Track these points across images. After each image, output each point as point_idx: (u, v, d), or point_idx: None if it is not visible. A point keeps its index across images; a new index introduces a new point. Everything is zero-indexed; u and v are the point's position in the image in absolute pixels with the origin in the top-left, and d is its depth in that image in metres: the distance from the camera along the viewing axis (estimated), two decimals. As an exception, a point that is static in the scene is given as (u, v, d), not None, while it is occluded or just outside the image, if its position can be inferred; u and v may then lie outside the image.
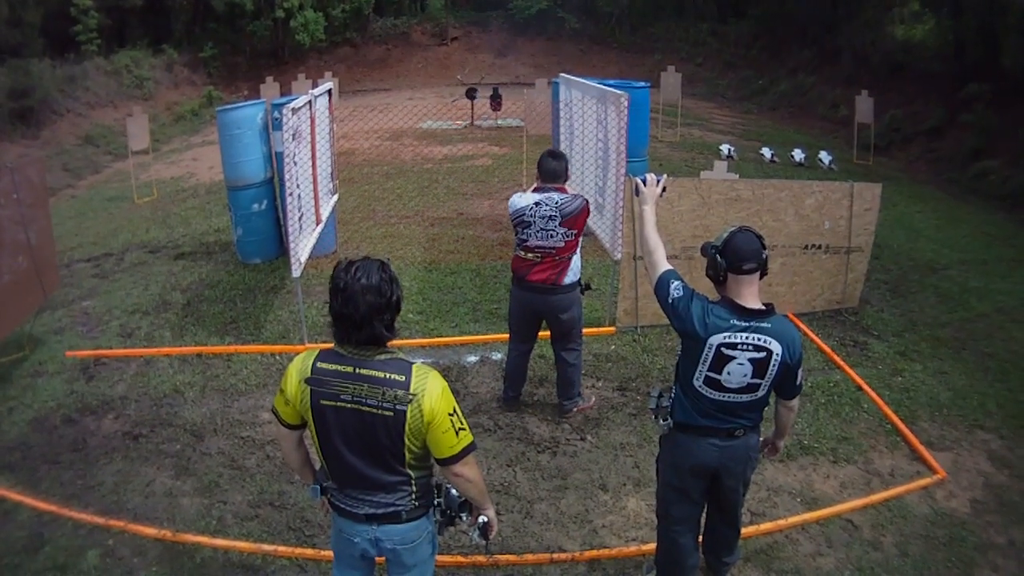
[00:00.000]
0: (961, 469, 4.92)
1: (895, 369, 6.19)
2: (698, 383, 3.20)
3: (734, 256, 3.09)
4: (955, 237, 9.95)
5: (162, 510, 4.48)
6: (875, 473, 4.85)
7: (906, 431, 5.25)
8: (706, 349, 3.11)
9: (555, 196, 4.87)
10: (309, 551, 4.11)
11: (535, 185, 5.05)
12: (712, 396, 3.19)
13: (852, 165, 14.00)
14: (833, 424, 5.37)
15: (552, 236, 4.86)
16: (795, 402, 3.39)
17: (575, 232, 4.92)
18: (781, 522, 4.35)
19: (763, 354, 3.09)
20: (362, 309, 2.50)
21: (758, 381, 3.14)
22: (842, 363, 6.16)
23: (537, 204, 4.85)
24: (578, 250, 5.03)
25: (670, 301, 3.19)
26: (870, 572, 4.02)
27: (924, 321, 7.11)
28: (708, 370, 3.15)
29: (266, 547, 4.14)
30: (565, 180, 5.02)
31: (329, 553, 3.62)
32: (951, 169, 14.27)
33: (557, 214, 4.83)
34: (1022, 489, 4.74)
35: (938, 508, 4.52)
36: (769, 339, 3.09)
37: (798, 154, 13.78)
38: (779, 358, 3.10)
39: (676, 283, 3.21)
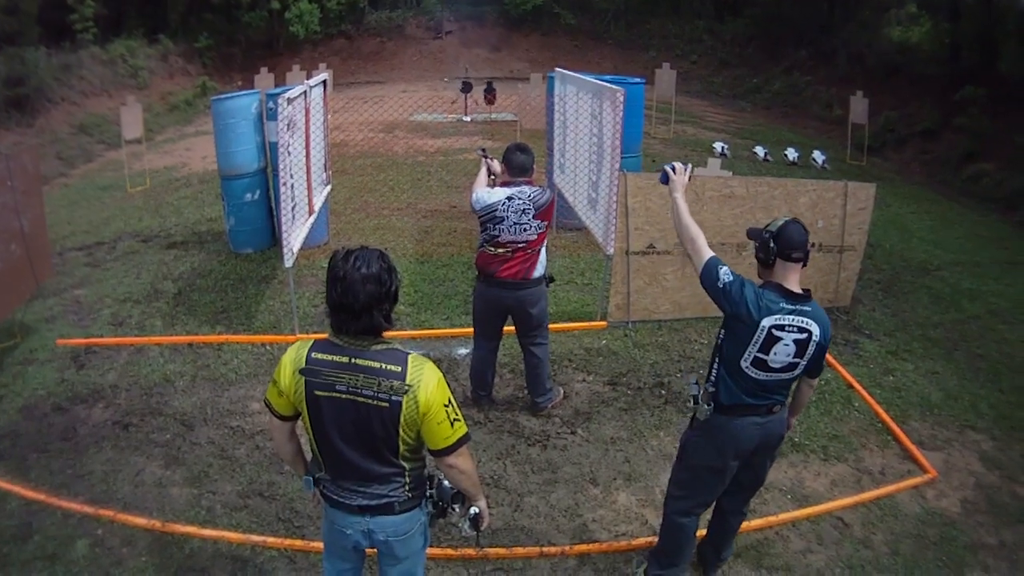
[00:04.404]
0: (952, 469, 4.94)
1: (886, 368, 6.21)
2: (745, 364, 3.31)
3: (787, 243, 3.27)
4: (948, 238, 9.99)
5: (152, 500, 4.45)
6: (866, 471, 4.87)
7: (897, 430, 5.27)
8: (758, 331, 3.24)
9: (527, 189, 4.87)
10: (298, 542, 4.09)
11: (501, 179, 5.04)
12: (757, 376, 3.33)
13: (846, 165, 14.02)
14: (824, 422, 5.38)
15: (526, 230, 4.85)
16: (816, 380, 3.63)
17: (546, 224, 4.96)
18: (771, 519, 4.36)
19: (805, 335, 3.26)
20: (361, 298, 2.47)
21: (798, 360, 3.31)
22: (833, 361, 6.16)
23: (510, 199, 4.83)
24: (545, 242, 5.04)
25: (720, 286, 3.30)
26: (860, 570, 4.04)
27: (916, 321, 7.14)
28: (758, 351, 3.28)
29: (255, 538, 4.13)
30: (532, 173, 5.02)
31: (318, 544, 3.61)
32: (945, 171, 14.33)
33: (531, 207, 4.82)
34: (1013, 490, 4.76)
35: (929, 507, 4.54)
36: (811, 321, 3.27)
37: (791, 153, 13.80)
38: (817, 339, 3.28)
39: (724, 268, 3.32)
